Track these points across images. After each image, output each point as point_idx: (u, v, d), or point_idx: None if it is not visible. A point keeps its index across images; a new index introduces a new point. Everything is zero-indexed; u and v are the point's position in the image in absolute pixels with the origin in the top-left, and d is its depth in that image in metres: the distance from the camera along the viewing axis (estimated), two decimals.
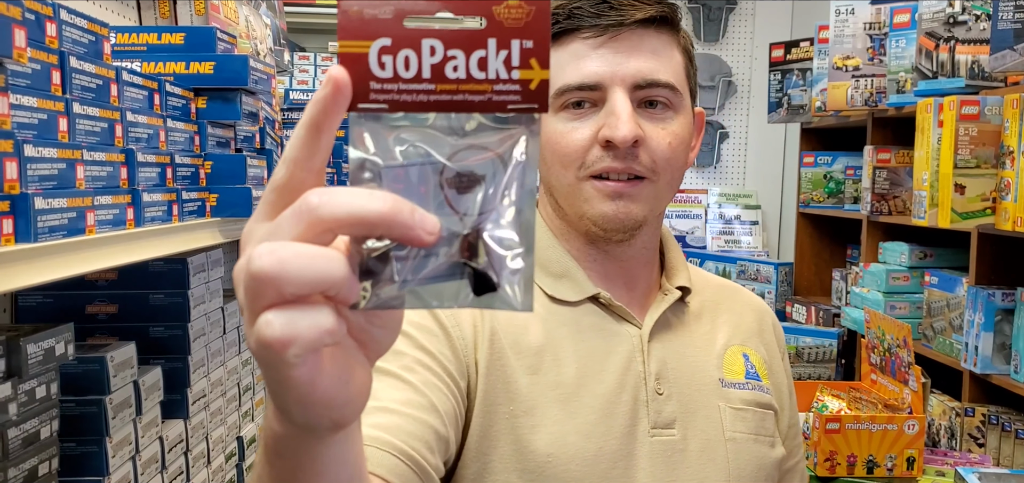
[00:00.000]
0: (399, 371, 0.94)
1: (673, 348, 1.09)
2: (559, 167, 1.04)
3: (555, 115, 1.04)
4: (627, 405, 1.03)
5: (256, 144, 1.78)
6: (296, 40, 4.91)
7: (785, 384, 1.19)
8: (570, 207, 1.07)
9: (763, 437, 1.10)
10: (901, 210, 3.35)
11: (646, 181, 1.03)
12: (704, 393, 1.08)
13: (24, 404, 1.16)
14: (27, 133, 1.03)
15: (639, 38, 1.03)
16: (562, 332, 1.05)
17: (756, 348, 1.16)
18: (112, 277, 1.68)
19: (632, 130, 1.00)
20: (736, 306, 1.18)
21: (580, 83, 1.02)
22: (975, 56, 2.69)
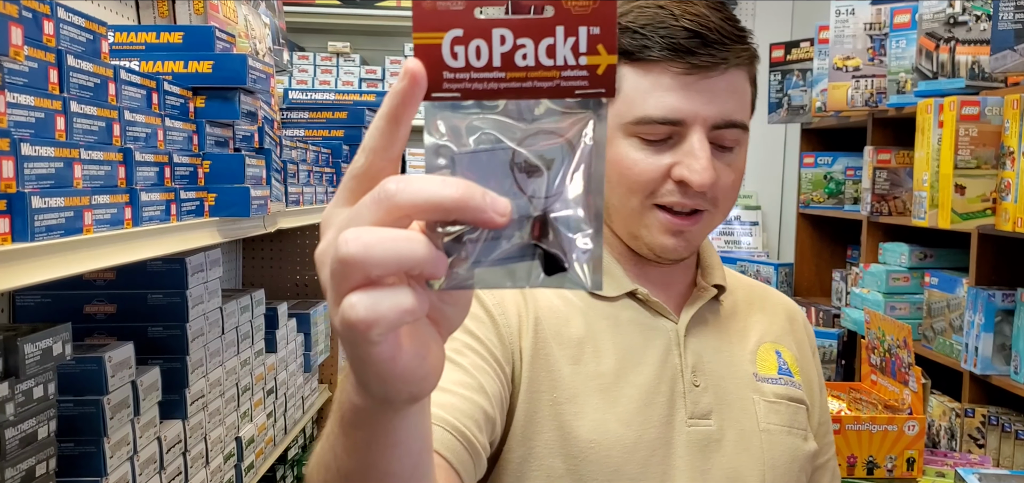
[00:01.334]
0: (450, 354, 0.96)
1: (708, 343, 1.11)
2: (625, 191, 1.04)
3: (627, 139, 1.03)
4: (665, 396, 1.06)
5: (255, 143, 1.77)
6: (295, 40, 4.91)
7: (816, 382, 1.21)
8: (626, 228, 1.08)
9: (796, 430, 1.12)
10: (901, 211, 3.34)
11: (707, 213, 1.06)
12: (739, 386, 1.10)
13: (22, 404, 1.16)
14: (24, 132, 1.02)
15: (727, 80, 1.02)
16: (601, 325, 1.08)
17: (788, 346, 1.18)
18: (110, 277, 1.67)
19: (710, 176, 1.01)
20: (768, 306, 1.21)
21: (664, 118, 1.01)
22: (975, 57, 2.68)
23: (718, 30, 1.00)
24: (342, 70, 4.88)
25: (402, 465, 0.62)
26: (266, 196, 1.67)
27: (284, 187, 1.95)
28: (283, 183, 1.94)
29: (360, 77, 4.89)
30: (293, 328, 2.51)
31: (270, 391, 2.25)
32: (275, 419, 2.30)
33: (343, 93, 2.95)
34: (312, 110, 2.78)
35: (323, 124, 2.76)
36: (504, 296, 1.06)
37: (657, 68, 1.00)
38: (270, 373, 2.25)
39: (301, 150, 2.24)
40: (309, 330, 2.65)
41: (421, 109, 0.53)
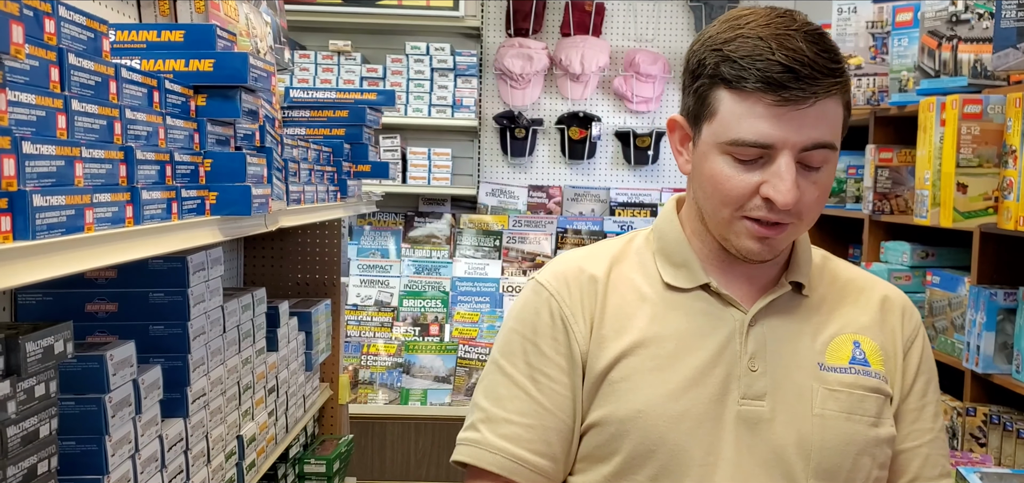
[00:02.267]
0: (525, 383, 1.21)
1: (776, 333, 1.21)
2: (718, 202, 1.15)
3: (722, 156, 1.13)
4: (719, 377, 1.17)
5: (256, 142, 1.77)
6: (296, 38, 4.91)
7: (912, 372, 1.26)
8: (717, 230, 1.19)
9: (858, 416, 1.19)
10: (903, 209, 3.34)
11: (791, 226, 1.15)
12: (799, 374, 1.19)
13: (23, 402, 1.16)
14: (25, 130, 1.02)
15: (818, 109, 1.10)
16: (670, 315, 1.21)
17: (873, 337, 1.24)
18: (111, 275, 1.67)
19: (794, 197, 1.10)
20: (861, 300, 1.27)
21: (755, 142, 1.10)
22: (978, 55, 2.68)
23: (811, 64, 1.08)
24: (343, 69, 4.88)
25: None
26: (267, 195, 1.66)
27: (285, 186, 1.95)
28: (284, 182, 1.94)
29: (361, 76, 4.89)
30: (294, 327, 2.51)
31: (271, 389, 2.25)
32: (276, 418, 2.30)
33: (344, 92, 2.95)
34: (313, 109, 2.78)
35: (324, 123, 2.76)
36: (573, 301, 1.22)
37: (752, 97, 1.10)
38: (271, 372, 2.25)
39: (302, 149, 2.24)
40: (310, 329, 2.65)
41: None
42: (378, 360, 4.64)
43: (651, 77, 5.05)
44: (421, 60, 4.91)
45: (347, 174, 2.64)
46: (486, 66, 5.10)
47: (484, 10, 5.05)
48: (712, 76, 1.13)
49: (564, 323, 1.21)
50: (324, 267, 3.01)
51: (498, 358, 1.24)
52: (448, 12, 4.89)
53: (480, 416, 1.22)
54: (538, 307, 1.22)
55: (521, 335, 1.22)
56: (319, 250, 3.02)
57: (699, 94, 1.15)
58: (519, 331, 1.23)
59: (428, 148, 4.96)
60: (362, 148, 2.80)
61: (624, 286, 1.23)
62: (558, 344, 1.20)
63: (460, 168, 5.10)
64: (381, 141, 4.81)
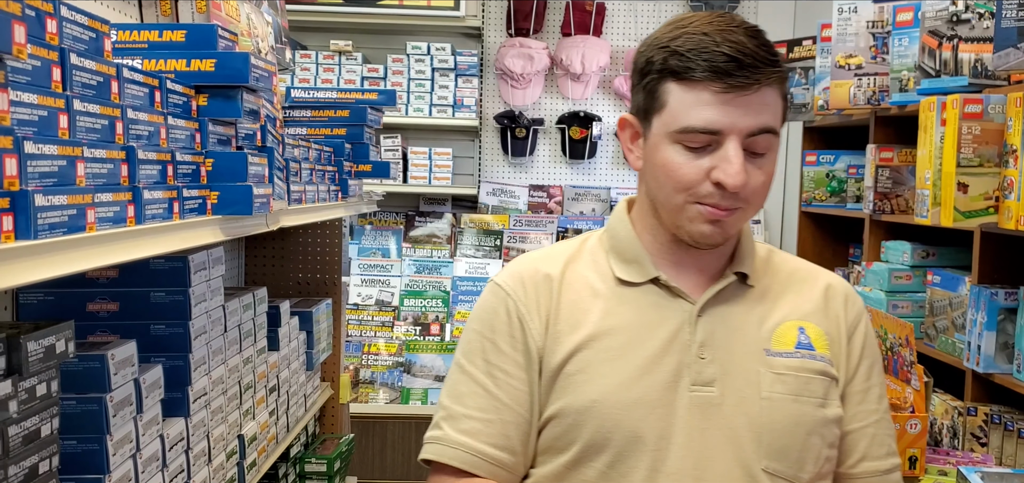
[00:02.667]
0: (484, 380, 1.27)
1: (724, 321, 1.27)
2: (671, 190, 1.22)
3: (672, 145, 1.20)
4: (670, 365, 1.24)
5: (257, 142, 1.77)
6: (297, 38, 4.90)
7: (856, 356, 1.32)
8: (670, 220, 1.25)
9: (806, 398, 1.25)
10: (904, 209, 3.34)
11: (740, 210, 1.22)
12: (746, 360, 1.25)
13: (24, 402, 1.16)
14: (27, 130, 1.02)
15: (759, 97, 1.18)
16: (622, 309, 1.27)
17: (818, 323, 1.30)
18: (113, 275, 1.67)
19: (742, 180, 1.18)
20: (805, 288, 1.34)
21: (703, 129, 1.18)
22: (978, 54, 2.68)
23: (753, 55, 1.16)
24: (344, 69, 4.88)
25: None
26: (268, 194, 1.67)
27: (286, 185, 1.95)
28: (285, 181, 1.94)
29: (362, 76, 4.89)
30: (295, 326, 2.51)
31: (272, 389, 2.25)
32: (277, 417, 2.30)
33: (345, 92, 2.95)
34: (314, 108, 2.78)
35: (325, 122, 2.76)
36: (529, 300, 1.28)
37: (700, 86, 1.17)
38: (272, 371, 2.25)
39: (304, 148, 2.24)
40: (311, 328, 2.65)
41: None
42: (379, 359, 4.64)
43: None
44: (422, 60, 4.91)
45: (348, 174, 2.64)
46: (487, 66, 5.10)
47: (485, 10, 5.05)
48: (661, 70, 1.20)
49: (520, 321, 1.27)
50: (325, 266, 3.01)
51: (460, 358, 1.32)
52: (449, 12, 4.89)
53: (443, 414, 1.29)
54: (495, 307, 1.29)
55: (480, 334, 1.30)
56: (320, 250, 3.02)
57: (648, 89, 1.22)
58: (478, 331, 1.30)
59: (429, 148, 4.96)
60: (363, 148, 2.80)
61: (578, 283, 1.29)
62: (515, 341, 1.27)
63: (461, 168, 5.10)
64: (382, 141, 4.81)
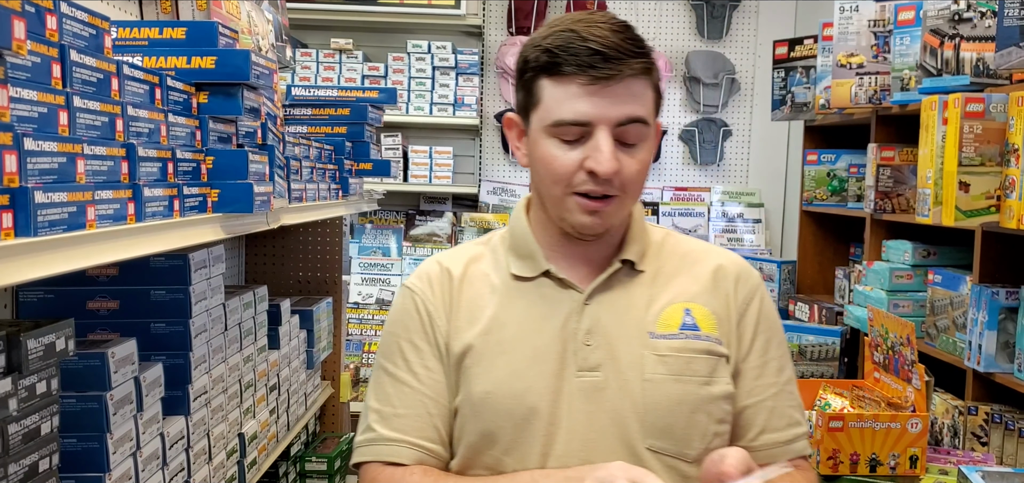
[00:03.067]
0: (405, 377, 1.34)
1: (610, 308, 1.33)
2: (550, 182, 1.29)
3: (549, 139, 1.27)
4: (556, 353, 1.31)
5: (258, 140, 1.77)
6: (298, 36, 4.90)
7: (747, 332, 1.37)
8: (554, 211, 1.32)
9: (688, 377, 1.31)
10: (905, 208, 3.33)
11: (616, 198, 1.28)
12: (630, 344, 1.32)
13: (24, 400, 1.16)
14: (27, 126, 1.02)
15: (625, 87, 1.24)
16: (515, 303, 1.34)
17: (705, 303, 1.36)
18: (113, 273, 1.67)
19: (613, 166, 1.24)
20: (694, 270, 1.39)
21: (574, 120, 1.24)
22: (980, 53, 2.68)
23: (616, 48, 1.23)
24: (345, 67, 4.88)
25: None
26: (269, 192, 1.66)
27: (287, 183, 1.95)
28: (286, 180, 1.94)
29: (363, 74, 4.89)
30: (296, 324, 2.51)
31: (273, 387, 2.25)
32: (278, 415, 2.30)
33: (346, 90, 2.95)
34: (315, 107, 2.77)
35: (326, 121, 2.76)
36: (435, 295, 1.35)
37: (568, 80, 1.24)
38: (273, 369, 2.25)
39: (304, 147, 2.24)
40: (312, 327, 2.65)
41: None
42: None
43: None
44: (423, 58, 4.91)
45: (349, 172, 2.64)
46: (487, 64, 5.09)
47: (486, 8, 5.05)
48: (535, 69, 1.27)
49: (429, 317, 1.35)
50: (326, 265, 3.01)
51: (382, 362, 1.38)
52: (450, 10, 4.89)
53: (374, 417, 1.36)
54: (407, 307, 1.37)
55: (397, 336, 1.37)
56: (321, 248, 3.02)
57: (526, 87, 1.30)
58: (394, 333, 1.37)
59: (429, 146, 4.96)
60: (364, 146, 2.80)
61: (479, 281, 1.37)
62: (428, 336, 1.35)
63: (461, 166, 5.10)
64: (382, 139, 4.81)
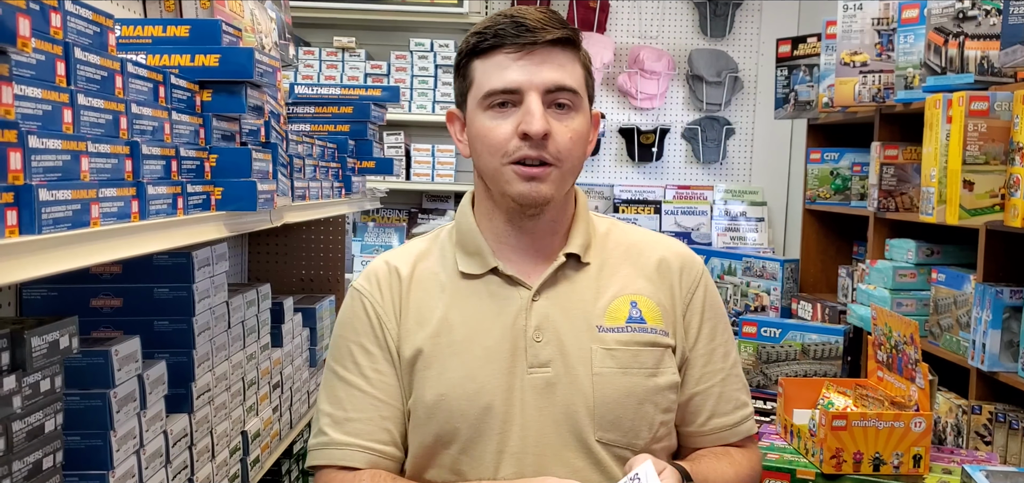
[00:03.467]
0: (358, 382, 1.37)
1: (557, 303, 1.36)
2: (487, 155, 1.33)
3: (483, 112, 1.32)
4: (507, 351, 1.34)
5: (261, 138, 1.77)
6: (301, 34, 4.90)
7: (693, 322, 1.42)
8: (494, 186, 1.35)
9: (635, 370, 1.35)
10: (908, 207, 3.33)
11: (553, 167, 1.31)
12: (579, 338, 1.35)
13: (28, 397, 1.16)
14: (31, 124, 1.02)
15: (549, 54, 1.31)
16: (463, 302, 1.36)
17: (650, 296, 1.40)
18: (116, 270, 1.67)
19: (543, 125, 1.29)
20: (640, 261, 1.42)
21: (503, 88, 1.30)
22: (985, 51, 2.67)
23: (536, 21, 1.30)
24: (347, 65, 4.88)
25: None
26: (272, 190, 1.66)
27: (290, 181, 1.95)
28: (289, 178, 1.94)
29: (365, 72, 4.89)
30: (299, 322, 2.51)
31: (276, 385, 2.25)
32: (281, 414, 2.30)
33: (348, 88, 2.95)
34: (318, 105, 2.77)
35: (329, 119, 2.76)
36: (384, 298, 1.37)
37: (494, 53, 1.32)
38: (276, 367, 2.25)
39: (307, 145, 2.24)
40: (315, 325, 2.65)
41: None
42: None
43: (655, 74, 5.04)
44: (425, 56, 4.91)
45: (351, 170, 2.64)
46: None
47: (488, 7, 5.04)
48: (466, 54, 1.35)
49: (379, 319, 1.38)
50: (328, 263, 3.01)
51: (332, 365, 1.41)
52: (452, 9, 4.89)
53: (326, 421, 1.38)
54: (356, 310, 1.40)
55: (346, 339, 1.40)
56: (323, 246, 3.02)
57: (462, 74, 1.36)
58: (344, 336, 1.40)
59: (432, 145, 4.96)
60: (366, 144, 2.80)
61: (427, 280, 1.39)
62: (378, 339, 1.38)
63: (464, 165, 5.10)
64: (385, 138, 4.81)
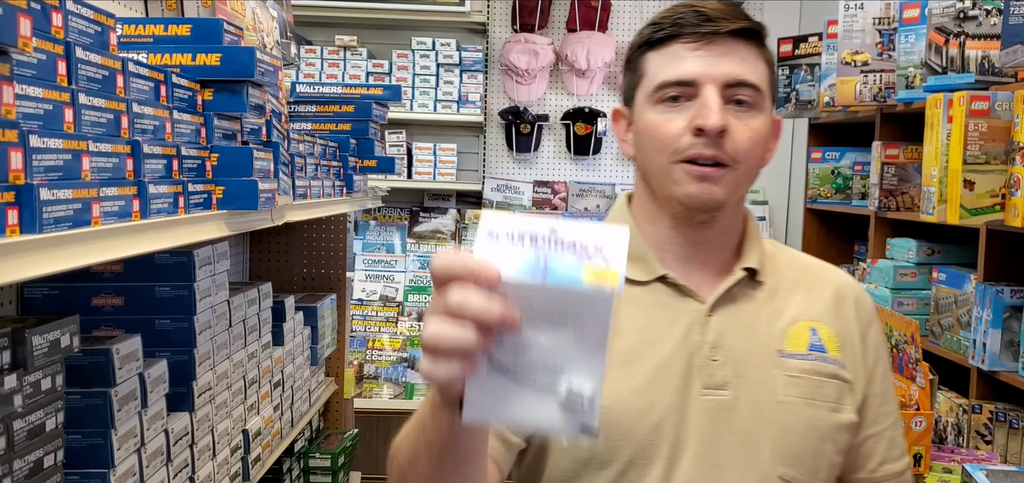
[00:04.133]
0: None
1: (735, 321, 1.22)
2: (655, 152, 1.20)
3: (653, 107, 1.20)
4: (681, 368, 1.19)
5: (262, 137, 1.77)
6: (302, 33, 4.90)
7: (870, 358, 1.28)
8: (660, 187, 1.21)
9: (819, 402, 1.21)
10: (909, 206, 3.33)
11: (728, 168, 1.17)
12: (759, 361, 1.21)
13: (29, 396, 1.16)
14: (32, 123, 1.02)
15: (731, 46, 1.18)
16: (629, 309, 1.22)
17: (829, 324, 1.26)
18: (118, 269, 1.67)
19: (721, 120, 1.15)
20: (815, 286, 1.29)
21: (678, 79, 1.18)
22: (986, 51, 2.67)
23: (717, 11, 1.19)
24: (349, 64, 4.88)
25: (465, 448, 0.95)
26: (273, 189, 1.67)
27: (292, 180, 1.95)
28: (290, 176, 1.94)
29: (367, 71, 4.89)
30: (300, 321, 2.51)
31: (277, 384, 2.25)
32: (282, 412, 2.30)
33: (350, 87, 2.95)
34: (319, 103, 2.78)
35: (330, 117, 2.76)
36: None
37: (671, 44, 1.20)
38: (277, 366, 2.25)
39: (308, 143, 2.24)
40: (316, 323, 2.65)
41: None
42: (383, 355, 4.64)
43: None
44: (427, 55, 4.91)
45: (353, 169, 2.64)
46: (492, 61, 5.09)
47: (490, 6, 5.04)
48: (640, 47, 1.23)
49: None
50: (330, 262, 3.01)
51: None
52: (454, 8, 4.88)
53: None
54: None
55: None
56: (325, 245, 3.02)
57: (632, 67, 1.25)
58: None
59: (433, 143, 4.96)
60: (368, 143, 2.80)
61: None
62: None
63: (465, 163, 5.10)
64: (387, 136, 4.81)
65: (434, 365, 0.78)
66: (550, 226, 0.77)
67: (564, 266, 0.75)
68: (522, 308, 0.76)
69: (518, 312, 0.76)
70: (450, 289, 0.77)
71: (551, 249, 0.76)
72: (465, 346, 0.76)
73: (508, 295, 0.76)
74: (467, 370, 0.77)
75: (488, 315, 0.76)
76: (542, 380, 0.77)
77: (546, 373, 0.77)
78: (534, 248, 0.76)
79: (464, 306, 0.76)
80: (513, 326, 0.76)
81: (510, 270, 0.75)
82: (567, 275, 0.75)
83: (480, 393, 0.78)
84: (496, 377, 0.78)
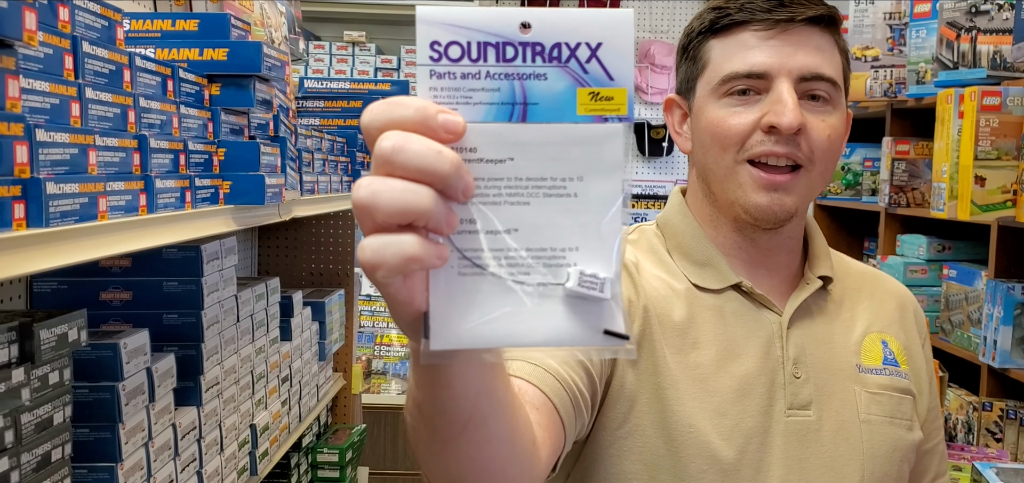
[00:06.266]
0: None
1: (812, 334, 1.13)
2: (718, 150, 1.08)
3: (718, 100, 1.08)
4: (764, 386, 1.08)
5: (270, 131, 1.77)
6: (311, 28, 4.91)
7: (925, 370, 1.21)
8: (722, 192, 1.10)
9: (899, 420, 1.13)
10: (920, 202, 3.31)
11: (802, 171, 1.07)
12: (841, 377, 1.12)
13: (37, 390, 1.16)
14: (39, 117, 1.02)
15: (807, 35, 1.07)
16: (705, 316, 1.10)
17: (896, 335, 1.18)
18: (125, 264, 1.68)
19: (797, 117, 1.03)
20: (877, 294, 1.21)
21: (748, 71, 1.06)
22: (997, 46, 2.65)
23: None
24: (357, 59, 4.88)
25: (458, 406, 0.68)
26: (281, 184, 1.66)
27: (299, 176, 1.95)
28: (298, 172, 1.94)
29: (376, 66, 4.89)
30: (308, 316, 2.51)
31: (285, 379, 2.25)
32: (289, 407, 2.31)
33: (358, 82, 2.95)
34: (327, 99, 2.78)
35: (338, 113, 2.76)
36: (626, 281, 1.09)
37: (739, 30, 1.08)
38: (285, 361, 2.25)
39: (316, 139, 2.24)
40: (324, 319, 2.65)
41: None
42: (391, 350, 4.64)
43: (666, 69, 5.02)
44: None
45: (361, 164, 2.64)
46: None
47: (499, 2, 5.04)
48: (702, 32, 1.12)
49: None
50: (338, 257, 3.02)
51: None
52: (462, 3, 4.88)
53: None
54: None
55: None
56: (333, 240, 3.02)
57: (691, 56, 1.13)
58: None
59: None
60: None
61: (655, 281, 1.12)
62: None
63: None
64: None
65: (379, 246, 0.53)
66: (519, 18, 0.54)
67: (550, 93, 0.54)
68: (494, 166, 0.54)
69: (487, 171, 0.54)
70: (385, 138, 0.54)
71: (527, 65, 0.53)
72: (416, 207, 0.52)
73: (473, 149, 0.54)
74: (425, 257, 0.53)
75: (438, 164, 0.53)
76: (536, 271, 0.54)
77: (540, 259, 0.54)
78: (503, 68, 0.54)
79: (403, 151, 0.53)
80: (469, 192, 0.53)
81: (470, 110, 0.54)
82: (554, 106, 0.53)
83: (449, 305, 0.54)
84: (470, 278, 0.54)
